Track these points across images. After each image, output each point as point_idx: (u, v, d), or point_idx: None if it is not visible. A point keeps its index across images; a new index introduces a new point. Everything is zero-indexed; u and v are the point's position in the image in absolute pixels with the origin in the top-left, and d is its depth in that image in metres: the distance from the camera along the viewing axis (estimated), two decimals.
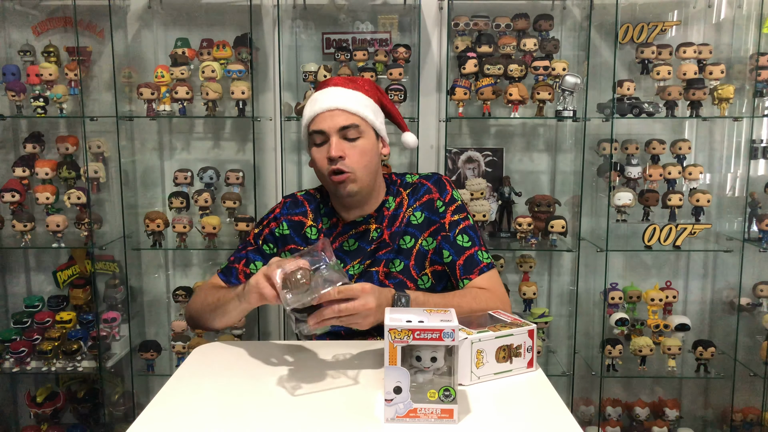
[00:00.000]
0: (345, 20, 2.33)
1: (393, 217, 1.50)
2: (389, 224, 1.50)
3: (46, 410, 2.30)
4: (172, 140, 2.41)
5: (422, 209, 1.50)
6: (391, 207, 1.52)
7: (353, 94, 1.43)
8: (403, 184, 1.55)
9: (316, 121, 1.42)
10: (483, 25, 2.20)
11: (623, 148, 2.24)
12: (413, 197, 1.52)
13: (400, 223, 1.49)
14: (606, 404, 2.33)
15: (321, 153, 1.42)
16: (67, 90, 2.19)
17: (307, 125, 1.45)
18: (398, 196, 1.53)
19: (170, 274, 2.47)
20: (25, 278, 2.47)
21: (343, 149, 1.39)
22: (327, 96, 1.43)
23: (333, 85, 1.46)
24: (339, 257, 1.46)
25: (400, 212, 1.51)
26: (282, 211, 1.55)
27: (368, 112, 1.43)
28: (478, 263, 1.45)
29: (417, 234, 1.48)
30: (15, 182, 2.21)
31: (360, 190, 1.42)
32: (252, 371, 1.22)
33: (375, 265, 1.47)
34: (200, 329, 1.45)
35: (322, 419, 1.01)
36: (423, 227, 1.49)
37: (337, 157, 1.38)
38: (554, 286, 2.46)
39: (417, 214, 1.50)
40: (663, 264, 2.44)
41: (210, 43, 2.24)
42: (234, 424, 1.01)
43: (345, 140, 1.40)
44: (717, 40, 2.28)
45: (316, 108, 1.42)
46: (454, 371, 0.97)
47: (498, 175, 2.34)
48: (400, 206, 1.51)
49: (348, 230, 1.50)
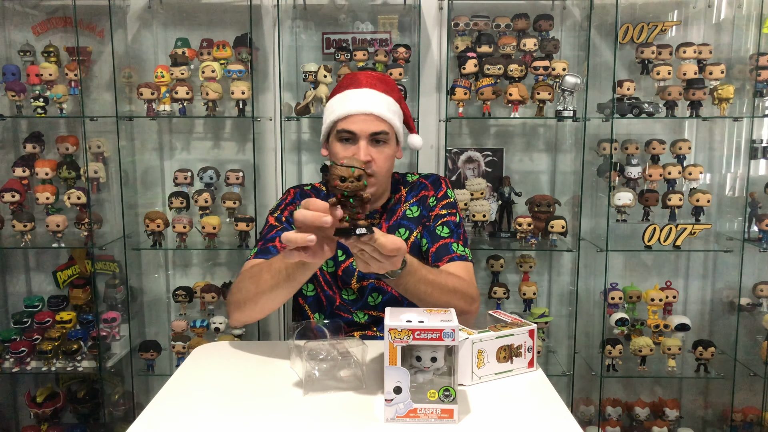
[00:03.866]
0: (345, 20, 2.33)
1: (391, 211, 1.56)
2: (387, 217, 1.55)
3: (46, 410, 2.30)
4: (172, 140, 2.41)
5: (417, 204, 1.56)
6: (390, 202, 1.59)
7: (386, 100, 1.46)
8: (404, 182, 1.62)
9: (348, 121, 1.43)
10: (483, 25, 2.20)
11: (623, 148, 2.24)
12: (411, 193, 1.59)
13: (398, 217, 1.55)
14: (606, 404, 2.33)
15: (346, 151, 1.43)
16: (67, 90, 2.19)
17: (335, 120, 1.45)
18: (397, 193, 1.60)
19: (170, 274, 2.47)
20: (25, 278, 2.47)
21: (370, 153, 1.42)
22: (362, 98, 1.45)
23: (367, 85, 1.47)
24: (341, 248, 1.49)
25: (398, 207, 1.56)
26: (296, 199, 1.58)
27: (396, 120, 1.48)
28: (450, 252, 1.46)
29: (412, 227, 1.54)
30: (15, 182, 2.21)
31: (375, 192, 1.49)
32: (252, 371, 1.22)
33: None
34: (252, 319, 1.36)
35: (322, 419, 1.01)
36: (417, 221, 1.54)
37: (365, 162, 1.40)
38: (554, 286, 2.46)
39: (413, 209, 1.56)
40: (663, 264, 2.44)
41: (210, 43, 2.23)
42: (234, 425, 1.01)
43: (373, 144, 1.44)
44: (717, 40, 2.28)
45: (350, 107, 1.43)
46: (454, 371, 0.97)
47: (498, 175, 2.35)
48: (399, 201, 1.57)
49: None
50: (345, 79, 1.53)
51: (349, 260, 1.50)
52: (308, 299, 1.56)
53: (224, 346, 1.37)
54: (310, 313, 1.55)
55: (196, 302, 2.33)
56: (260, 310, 1.31)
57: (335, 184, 0.99)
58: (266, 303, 1.29)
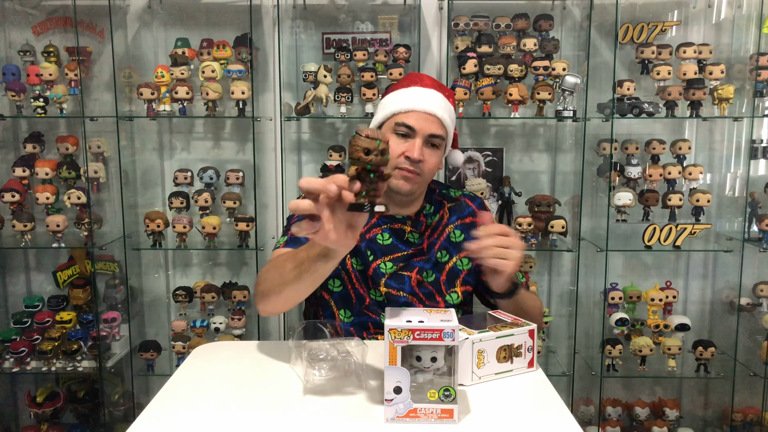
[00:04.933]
0: (345, 20, 2.33)
1: (432, 228, 1.53)
2: (429, 234, 1.52)
3: (46, 410, 2.30)
4: (172, 140, 2.41)
5: (463, 230, 1.53)
6: (428, 214, 1.54)
7: (448, 107, 1.47)
8: (446, 197, 1.58)
9: (409, 115, 1.42)
10: (483, 25, 2.20)
11: (623, 148, 2.24)
12: (456, 214, 1.55)
13: (439, 236, 1.52)
14: (606, 404, 2.33)
15: (399, 145, 1.42)
16: (67, 90, 2.19)
17: (395, 112, 1.44)
18: (440, 209, 1.55)
19: (170, 274, 2.47)
20: (25, 278, 2.47)
21: (423, 153, 1.42)
22: (428, 97, 1.44)
23: (432, 87, 1.47)
24: (371, 249, 1.47)
25: (441, 225, 1.53)
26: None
27: (451, 129, 1.48)
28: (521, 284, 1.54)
29: (453, 252, 1.51)
30: (15, 182, 2.21)
31: (414, 191, 1.46)
32: (252, 371, 1.22)
33: (408, 270, 1.47)
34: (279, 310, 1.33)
35: (322, 419, 1.01)
36: (459, 247, 1.51)
37: (417, 160, 1.40)
38: (554, 286, 2.46)
39: (457, 233, 1.53)
40: (663, 264, 2.44)
41: (210, 43, 2.24)
42: (234, 425, 1.01)
43: (427, 146, 1.43)
44: (717, 40, 2.28)
45: (414, 103, 1.43)
46: (454, 371, 0.97)
47: (498, 175, 2.34)
48: (441, 219, 1.54)
49: (383, 222, 1.50)
50: (409, 77, 1.54)
51: (378, 261, 1.46)
52: (334, 295, 1.48)
53: (224, 346, 1.37)
54: (335, 309, 1.48)
55: (196, 302, 2.33)
56: (284, 300, 1.27)
57: (359, 156, 0.93)
58: (290, 294, 1.24)
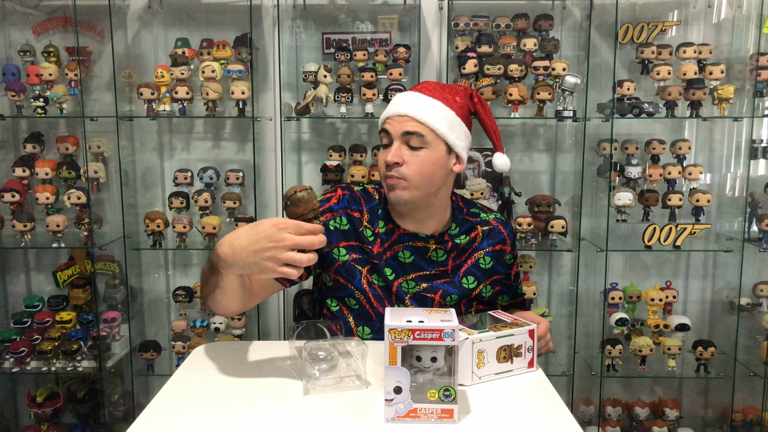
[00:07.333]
0: (345, 20, 2.33)
1: (461, 250, 1.47)
2: (456, 255, 1.47)
3: (46, 410, 2.30)
4: (172, 140, 2.41)
5: (492, 256, 1.49)
6: (455, 235, 1.47)
7: (429, 103, 1.37)
8: (479, 220, 1.51)
9: (386, 123, 1.41)
10: (483, 25, 2.20)
11: (623, 148, 2.24)
12: (487, 240, 1.49)
13: (467, 259, 1.47)
14: (606, 404, 2.33)
15: (382, 155, 1.40)
16: (67, 90, 2.19)
17: (379, 126, 1.45)
18: (472, 231, 1.49)
19: (170, 274, 2.47)
20: (25, 278, 2.47)
21: (402, 156, 1.35)
22: (402, 100, 1.40)
23: (416, 89, 1.42)
24: (392, 266, 1.43)
25: (471, 248, 1.48)
26: (341, 204, 1.46)
27: (441, 124, 1.36)
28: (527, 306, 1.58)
29: (481, 279, 1.47)
30: (15, 182, 2.21)
31: (411, 199, 1.37)
32: (252, 371, 1.22)
33: (431, 292, 1.43)
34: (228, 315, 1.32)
35: (322, 419, 1.01)
36: (488, 274, 1.48)
37: (392, 163, 1.35)
38: (554, 286, 2.46)
39: (486, 259, 1.48)
40: (663, 264, 2.44)
41: (210, 43, 2.24)
42: (234, 425, 1.01)
43: (408, 147, 1.36)
44: (717, 40, 2.28)
45: (389, 109, 1.41)
46: (454, 371, 0.97)
47: (498, 175, 2.34)
48: (473, 242, 1.49)
49: (405, 240, 1.44)
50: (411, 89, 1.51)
51: (401, 279, 1.42)
52: (353, 312, 1.44)
53: (224, 346, 1.37)
54: (354, 325, 1.43)
55: (196, 302, 2.33)
56: (223, 309, 1.28)
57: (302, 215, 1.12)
58: (225, 304, 1.25)
